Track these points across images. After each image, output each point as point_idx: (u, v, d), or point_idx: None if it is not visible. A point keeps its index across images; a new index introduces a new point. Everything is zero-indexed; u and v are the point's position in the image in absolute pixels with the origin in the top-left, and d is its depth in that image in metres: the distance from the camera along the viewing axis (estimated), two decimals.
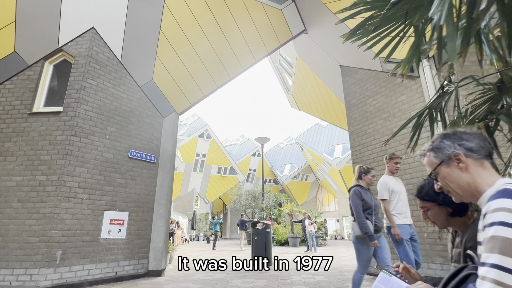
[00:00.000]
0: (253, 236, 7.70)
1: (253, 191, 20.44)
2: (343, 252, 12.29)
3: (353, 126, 6.64)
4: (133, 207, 5.97)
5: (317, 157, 28.11)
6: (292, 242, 15.75)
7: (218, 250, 13.69)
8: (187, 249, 15.11)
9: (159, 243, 6.21)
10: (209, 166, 28.09)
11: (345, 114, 8.85)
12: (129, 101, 6.33)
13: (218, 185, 28.98)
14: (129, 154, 6.06)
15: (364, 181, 3.62)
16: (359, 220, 3.25)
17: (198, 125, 27.97)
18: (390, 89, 5.81)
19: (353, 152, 6.55)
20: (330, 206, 32.41)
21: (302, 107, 11.67)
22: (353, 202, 3.37)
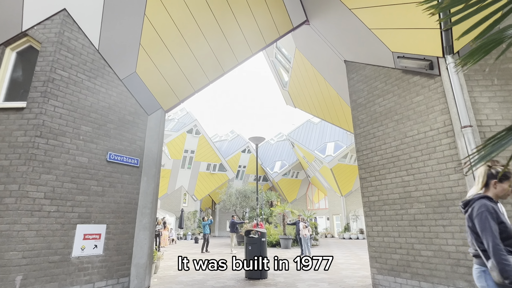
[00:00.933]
0: (247, 246, 7.05)
1: (244, 190, 19.80)
2: (336, 253, 11.85)
3: (359, 128, 6.04)
4: (112, 218, 5.20)
5: (308, 154, 27.68)
6: (284, 244, 15.24)
7: (206, 254, 13.01)
8: (174, 251, 14.36)
9: (142, 259, 5.48)
10: (198, 162, 27.24)
11: (347, 113, 8.27)
12: (108, 96, 5.51)
13: (207, 182, 28.20)
14: (107, 157, 5.27)
15: (494, 191, 2.09)
16: (497, 257, 1.84)
17: (187, 120, 26.99)
18: (404, 88, 5.22)
19: (359, 156, 5.96)
20: (320, 203, 32.19)
21: (298, 104, 11.03)
22: (484, 225, 1.94)
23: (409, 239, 4.77)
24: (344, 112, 8.35)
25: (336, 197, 27.32)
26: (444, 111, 4.54)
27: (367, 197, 5.71)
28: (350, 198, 26.41)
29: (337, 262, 9.60)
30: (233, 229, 13.39)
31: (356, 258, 10.73)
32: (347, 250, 14.02)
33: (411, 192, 4.84)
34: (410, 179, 4.90)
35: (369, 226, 5.56)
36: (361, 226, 24.46)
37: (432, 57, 4.59)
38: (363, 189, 5.81)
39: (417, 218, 4.71)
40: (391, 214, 5.14)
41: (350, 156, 25.11)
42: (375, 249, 5.36)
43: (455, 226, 4.21)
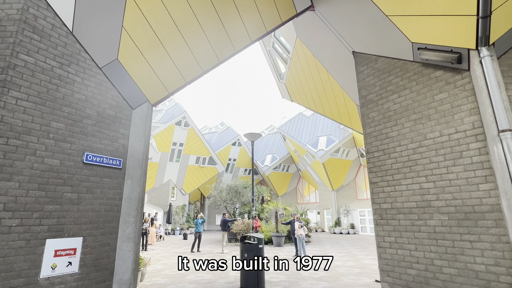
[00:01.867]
0: (242, 253, 6.47)
1: (235, 185, 19.20)
2: (331, 252, 11.47)
3: (369, 127, 5.48)
4: (89, 229, 4.49)
5: (300, 148, 27.25)
6: (276, 241, 14.81)
7: (197, 254, 12.41)
8: (161, 250, 13.70)
9: (126, 274, 4.81)
10: (187, 156, 26.39)
11: (352, 110, 7.70)
12: (84, 86, 4.72)
13: (196, 176, 27.45)
14: (83, 158, 4.52)
15: None
16: None
17: (175, 112, 25.99)
18: (424, 84, 4.66)
19: (369, 158, 5.41)
20: (311, 197, 32.02)
21: (295, 98, 10.40)
22: None
23: (428, 254, 4.28)
24: (347, 109, 7.78)
25: (327, 191, 27.12)
26: (473, 111, 4.00)
27: (378, 204, 5.19)
28: (341, 193, 26.26)
29: (335, 265, 9.19)
30: (225, 228, 12.81)
31: (353, 259, 10.37)
32: (341, 248, 13.71)
33: (431, 201, 4.33)
34: (430, 187, 4.38)
35: (380, 236, 5.05)
36: (352, 221, 24.39)
37: (462, 49, 4.02)
38: (374, 195, 5.28)
39: (438, 230, 4.21)
40: (407, 225, 4.63)
41: (342, 150, 24.82)
42: (387, 261, 4.86)
43: (485, 242, 3.72)
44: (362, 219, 23.55)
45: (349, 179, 26.43)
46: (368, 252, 12.28)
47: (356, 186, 26.47)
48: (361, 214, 23.77)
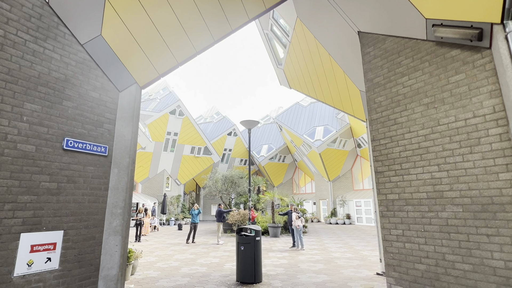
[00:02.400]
0: (238, 246, 6.15)
1: (231, 176, 18.86)
2: (328, 243, 11.29)
3: (376, 112, 5.10)
4: (71, 222, 4.10)
5: (296, 138, 26.93)
6: (272, 232, 14.60)
7: (191, 245, 12.14)
8: (155, 241, 13.40)
9: (113, 269, 4.45)
10: (182, 145, 25.91)
11: (354, 97, 7.30)
12: (64, 65, 4.25)
13: (191, 166, 27.05)
14: (63, 144, 4.09)
15: None
16: None
17: (170, 101, 25.36)
18: (438, 65, 4.27)
19: (375, 146, 5.06)
20: (307, 187, 31.91)
21: (294, 84, 9.96)
22: None
23: (439, 248, 3.98)
24: (350, 95, 7.39)
25: (323, 182, 26.97)
26: (494, 93, 3.64)
27: (384, 195, 4.87)
28: (338, 183, 26.13)
29: (334, 257, 8.96)
30: (220, 218, 12.51)
31: (352, 251, 10.16)
32: (338, 239, 13.54)
33: (444, 192, 4.01)
34: (442, 176, 4.05)
35: (386, 228, 4.75)
36: (348, 211, 24.34)
37: (484, 24, 3.62)
38: (379, 185, 4.95)
39: (451, 223, 3.90)
40: (416, 217, 4.31)
41: (339, 141, 24.55)
42: (393, 255, 4.56)
43: (504, 236, 3.41)
44: (358, 209, 23.50)
45: (346, 169, 26.27)
46: (366, 243, 12.12)
47: (353, 177, 26.34)
48: (357, 204, 23.70)
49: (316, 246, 11.29)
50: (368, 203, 22.75)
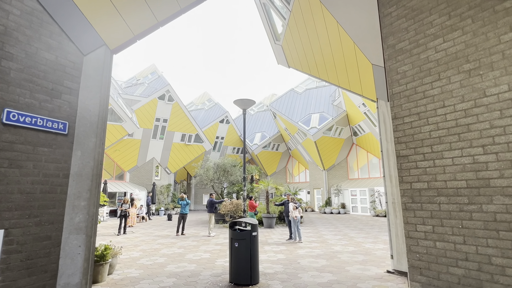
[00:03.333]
0: (232, 242, 5.32)
1: (223, 163, 17.96)
2: (326, 234, 10.62)
3: (398, 85, 4.25)
4: (16, 218, 3.17)
5: (291, 126, 26.09)
6: (267, 223, 13.88)
7: (181, 237, 11.31)
8: (142, 233, 12.53)
9: (75, 276, 3.56)
10: (171, 132, 24.79)
11: (364, 71, 6.42)
12: (2, 13, 3.22)
13: (182, 154, 26.02)
14: (2, 117, 3.11)
15: None
16: None
17: (158, 85, 24.06)
18: (485, 21, 3.41)
19: (397, 125, 4.23)
20: (300, 176, 31.34)
21: (293, 62, 9.00)
22: None
23: (484, 249, 3.20)
24: (359, 71, 6.50)
25: (318, 170, 26.36)
26: None
27: (408, 183, 4.07)
28: (332, 172, 25.56)
29: (335, 251, 8.26)
30: (212, 209, 11.68)
31: (353, 243, 9.50)
32: (336, 230, 12.91)
33: (491, 180, 3.21)
34: (489, 160, 3.24)
35: (411, 223, 3.96)
36: (343, 200, 23.86)
37: None
38: (402, 172, 4.15)
39: (500, 218, 3.12)
40: (452, 210, 3.53)
41: (335, 128, 23.82)
42: (419, 256, 3.79)
43: None
44: (353, 198, 23.02)
45: (341, 158, 25.66)
46: (365, 234, 11.50)
47: (348, 166, 25.79)
48: (352, 194, 23.21)
49: (314, 238, 10.61)
50: (364, 193, 22.27)
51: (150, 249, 8.80)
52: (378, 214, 19.69)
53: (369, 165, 24.01)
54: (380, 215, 19.50)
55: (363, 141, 23.93)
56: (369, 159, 24.05)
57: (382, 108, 6.34)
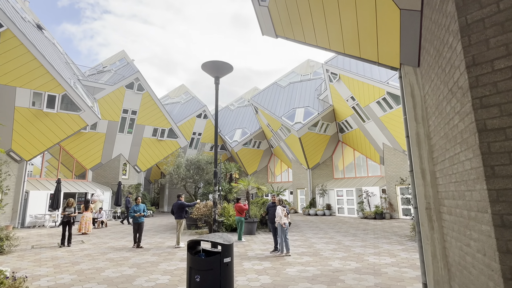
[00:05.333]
0: (191, 273, 3.32)
1: (197, 160, 15.81)
2: (315, 242, 8.81)
3: (480, 6, 2.43)
4: None
5: (274, 121, 24.30)
6: (247, 228, 11.92)
7: (139, 250, 9.12)
8: (93, 244, 10.18)
9: None
10: (141, 126, 22.25)
11: (386, 24, 4.59)
12: None
13: (153, 150, 23.52)
14: None
15: None
16: None
17: (126, 72, 21.46)
18: None
19: (478, 76, 2.42)
20: (282, 176, 29.66)
21: (283, 29, 7.10)
22: None
23: None
24: (377, 24, 4.72)
25: (301, 169, 24.75)
26: None
27: (502, 179, 2.24)
28: (317, 171, 24.03)
29: (334, 269, 6.45)
30: (181, 214, 9.54)
31: (352, 256, 7.75)
32: (326, 237, 11.18)
33: None
34: None
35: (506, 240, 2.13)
36: (328, 201, 22.36)
37: None
38: (490, 158, 2.32)
39: None
40: None
41: (321, 124, 22.27)
42: None
43: None
44: (340, 199, 21.56)
45: (326, 156, 24.19)
46: (361, 242, 9.83)
47: (333, 164, 24.36)
48: (338, 194, 21.75)
49: (304, 249, 8.78)
50: (350, 193, 20.85)
51: (91, 270, 6.58)
52: (366, 216, 18.28)
53: (355, 164, 22.68)
54: (369, 217, 18.11)
55: (349, 138, 22.55)
56: (356, 157, 22.72)
57: (410, 77, 4.58)
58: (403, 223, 15.32)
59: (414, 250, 8.34)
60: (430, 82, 3.83)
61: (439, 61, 3.32)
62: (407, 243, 9.52)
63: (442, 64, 3.20)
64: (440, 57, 3.26)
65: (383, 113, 17.20)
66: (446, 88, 3.12)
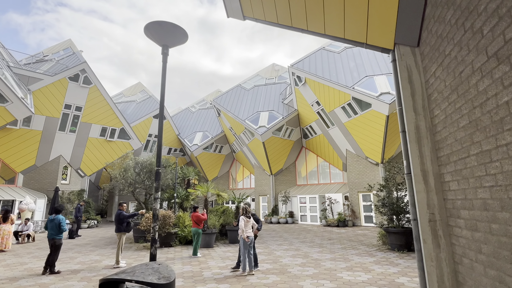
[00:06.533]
0: None
1: (149, 163, 14.06)
2: (280, 255, 7.77)
3: None
4: None
5: (237, 124, 23.19)
6: (204, 241, 10.53)
7: (59, 277, 7.30)
8: (7, 264, 8.04)
9: None
10: (87, 124, 19.70)
11: None
12: None
13: (101, 152, 20.98)
14: None
15: None
16: None
17: (71, 62, 18.90)
18: None
19: None
20: (244, 182, 28.53)
21: (251, 9, 6.08)
22: None
23: None
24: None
25: (264, 175, 23.86)
26: None
27: None
28: (280, 177, 23.32)
29: None
30: (121, 227, 7.89)
31: (323, 272, 6.82)
32: (291, 247, 10.23)
33: None
34: None
35: None
36: (291, 208, 21.68)
37: None
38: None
39: None
40: None
41: (285, 129, 21.66)
42: None
43: None
44: (303, 206, 20.99)
45: (289, 162, 23.62)
46: (330, 254, 9.01)
47: (296, 171, 23.86)
48: (301, 201, 21.17)
49: (269, 265, 7.68)
50: (313, 200, 20.38)
51: None
52: (329, 224, 17.84)
53: (319, 170, 22.39)
54: (332, 225, 17.68)
55: (313, 144, 22.23)
56: (319, 164, 22.45)
57: (407, 59, 3.77)
58: (366, 230, 15.03)
59: (386, 263, 7.69)
60: (443, 59, 3.02)
61: (466, 22, 2.47)
62: (377, 254, 8.90)
63: (475, 25, 2.35)
64: (470, 15, 2.41)
65: (348, 119, 17.01)
66: (483, 55, 2.26)
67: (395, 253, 9.01)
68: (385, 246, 10.30)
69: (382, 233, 10.61)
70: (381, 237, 10.69)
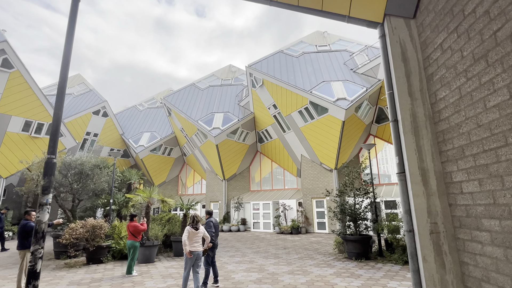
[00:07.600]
0: None
1: (80, 162, 11.94)
2: (235, 272, 6.71)
3: None
4: None
5: (189, 125, 21.66)
6: (143, 255, 8.97)
7: None
8: None
9: None
10: (5, 116, 16.49)
11: None
12: None
13: (24, 150, 17.74)
14: None
15: None
16: None
17: None
18: None
19: None
20: (195, 188, 26.85)
21: None
22: None
23: None
24: None
25: (216, 180, 22.59)
26: None
27: None
28: (233, 183, 22.27)
29: None
30: (26, 243, 6.06)
31: (278, 286, 5.93)
32: (245, 260, 9.22)
33: None
34: None
35: None
36: (244, 215, 20.71)
37: None
38: None
39: None
40: None
41: (240, 132, 20.76)
42: None
43: None
44: (256, 213, 20.16)
45: (243, 167, 22.73)
46: (287, 266, 8.22)
47: (250, 176, 23.05)
48: (254, 207, 20.34)
49: (220, 282, 6.54)
50: (267, 206, 19.69)
51: None
52: (283, 231, 17.25)
53: (273, 176, 21.87)
54: (285, 232, 17.12)
55: (268, 149, 21.69)
56: (274, 169, 21.95)
57: (400, 33, 3.10)
58: (320, 238, 14.71)
59: (347, 274, 7.12)
60: (460, 22, 2.35)
61: None
62: (336, 264, 8.35)
63: None
64: None
65: (304, 124, 16.75)
66: None
67: (353, 262, 8.56)
68: (341, 254, 9.86)
69: (339, 241, 10.19)
70: (337, 245, 10.26)
